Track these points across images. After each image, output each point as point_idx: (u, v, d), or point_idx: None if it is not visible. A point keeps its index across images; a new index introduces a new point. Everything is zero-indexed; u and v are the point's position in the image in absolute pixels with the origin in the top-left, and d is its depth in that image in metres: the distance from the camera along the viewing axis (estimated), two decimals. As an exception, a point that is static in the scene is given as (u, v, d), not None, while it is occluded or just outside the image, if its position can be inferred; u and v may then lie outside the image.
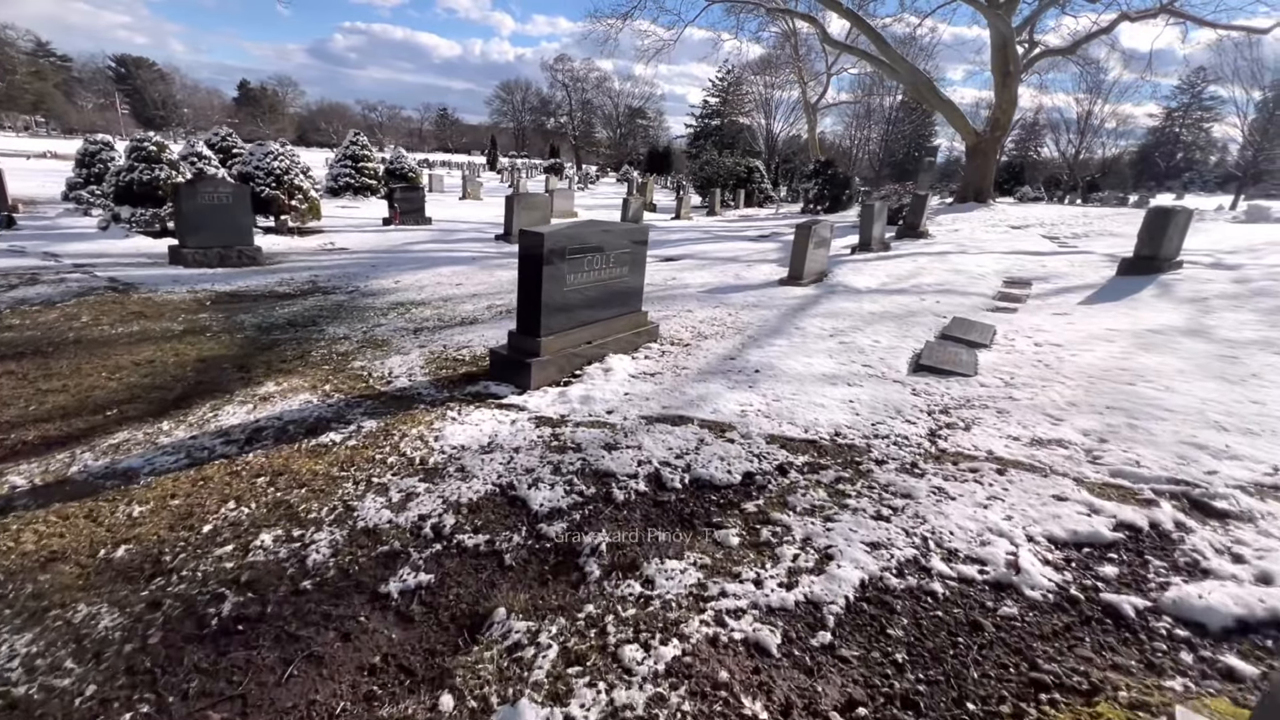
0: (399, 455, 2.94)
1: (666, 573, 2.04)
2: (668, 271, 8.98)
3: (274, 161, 12.14)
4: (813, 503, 2.47)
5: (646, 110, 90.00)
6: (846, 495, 2.54)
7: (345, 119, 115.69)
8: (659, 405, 3.57)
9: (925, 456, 2.91)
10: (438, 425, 3.29)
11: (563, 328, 4.18)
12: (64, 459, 2.89)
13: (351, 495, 2.57)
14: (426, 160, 64.97)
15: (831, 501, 2.49)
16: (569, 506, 2.47)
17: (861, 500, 2.47)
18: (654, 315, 5.97)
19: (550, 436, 3.13)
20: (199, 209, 8.57)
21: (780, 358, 4.53)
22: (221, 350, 4.82)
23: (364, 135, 21.49)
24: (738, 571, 2.08)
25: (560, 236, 3.95)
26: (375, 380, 4.08)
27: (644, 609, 1.90)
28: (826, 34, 26.41)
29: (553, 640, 1.76)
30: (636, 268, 4.76)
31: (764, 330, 5.46)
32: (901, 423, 3.36)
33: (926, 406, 3.62)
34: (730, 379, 4.07)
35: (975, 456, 2.89)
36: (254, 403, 3.66)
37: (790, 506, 2.45)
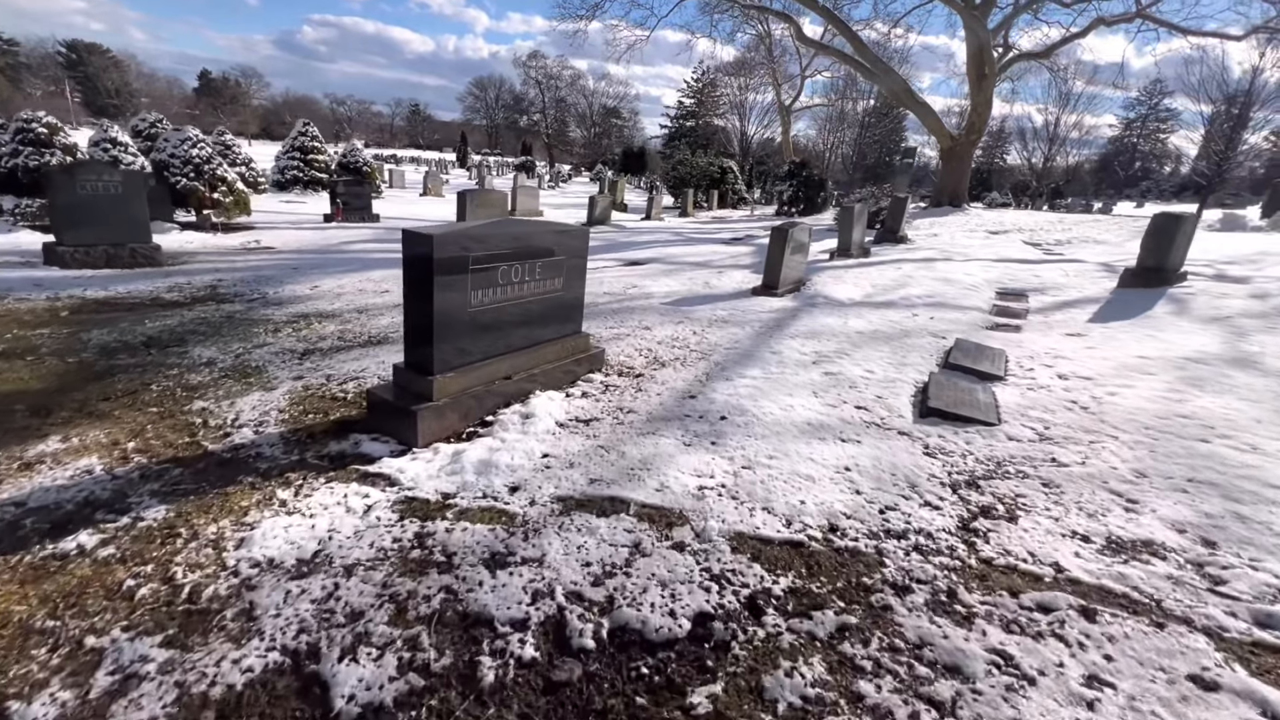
0: (162, 580, 1.88)
1: None
2: (630, 278, 7.99)
3: (193, 149, 10.82)
4: (804, 688, 1.50)
5: (621, 110, 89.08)
6: (858, 670, 1.57)
7: (312, 113, 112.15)
8: (585, 477, 2.57)
9: (965, 576, 1.97)
10: (253, 517, 2.24)
11: (468, 360, 3.16)
12: None
13: (30, 677, 1.52)
14: (394, 156, 63.02)
15: (834, 684, 1.53)
16: (398, 699, 1.46)
17: (883, 684, 1.51)
18: (605, 333, 4.98)
19: (413, 540, 2.10)
20: (81, 200, 7.30)
21: (753, 396, 3.57)
22: (29, 383, 3.68)
23: (314, 126, 20.06)
24: None
25: (458, 239, 2.93)
26: (208, 432, 3.00)
27: None
28: (802, 33, 25.75)
29: None
30: (574, 279, 3.76)
31: (734, 355, 4.50)
32: (920, 506, 2.42)
33: (948, 475, 2.69)
34: (688, 430, 3.09)
35: (1039, 577, 1.96)
36: (9, 472, 2.56)
37: (767, 697, 1.48)
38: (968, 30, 18.70)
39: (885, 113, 46.03)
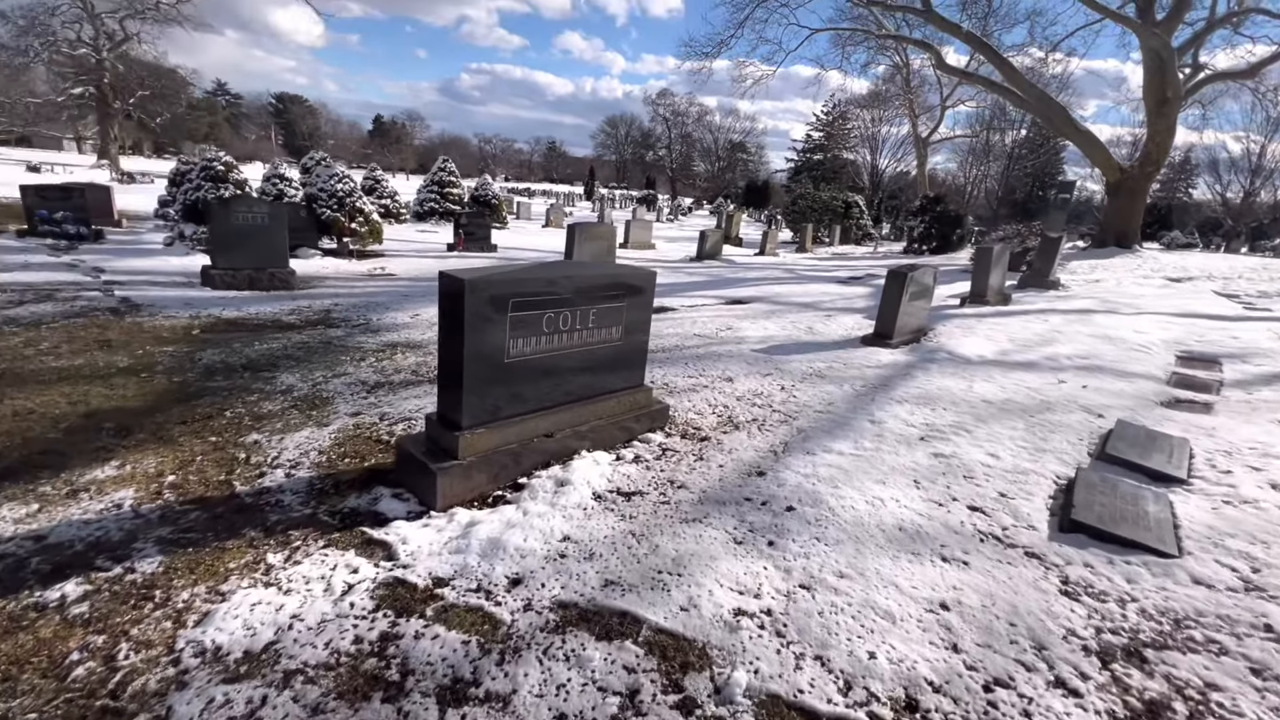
0: (104, 660, 1.70)
1: None
2: (728, 318, 7.49)
3: (338, 184, 11.95)
4: None
5: (747, 144, 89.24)
6: None
7: (463, 151, 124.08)
8: (601, 577, 2.13)
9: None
10: (230, 584, 2.03)
11: (502, 416, 2.86)
12: None
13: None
14: (527, 189, 67.44)
15: None
16: None
17: None
18: (681, 382, 4.53)
19: (375, 644, 1.78)
20: (233, 229, 8.16)
21: (835, 479, 2.94)
22: (129, 400, 3.92)
23: (451, 162, 21.73)
24: None
25: (495, 282, 2.65)
26: (245, 470, 2.94)
27: None
28: (944, 62, 24.15)
29: None
30: (635, 328, 3.38)
31: (824, 421, 3.86)
32: (1047, 685, 1.71)
33: (1095, 635, 1.93)
34: (743, 520, 2.56)
35: None
36: (64, 494, 2.61)
37: None
38: (1146, 51, 16.40)
39: (1040, 143, 41.89)
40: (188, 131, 61.31)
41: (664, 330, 6.58)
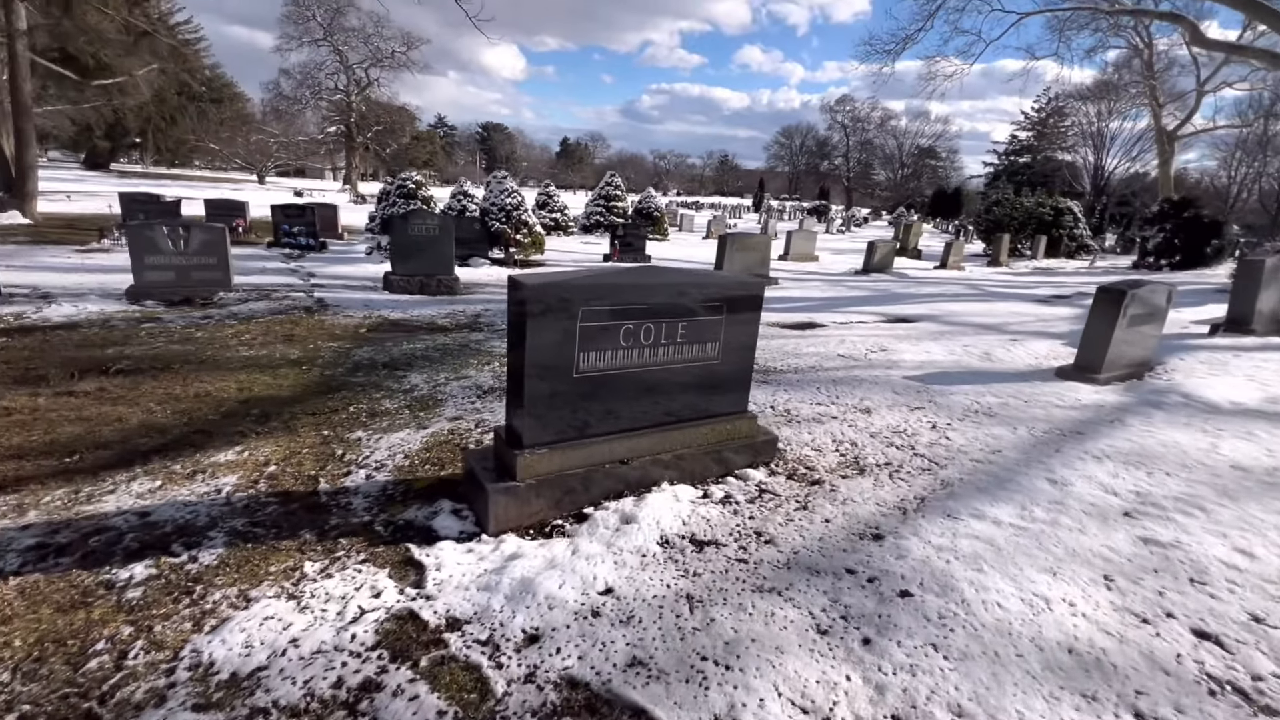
0: (117, 657, 1.69)
1: None
2: (884, 338, 6.58)
3: (508, 198, 12.86)
4: None
5: (937, 149, 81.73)
6: None
7: (639, 167, 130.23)
8: (628, 653, 1.72)
9: None
10: (259, 591, 1.98)
11: (569, 437, 2.57)
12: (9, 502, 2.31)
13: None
14: (696, 202, 68.38)
15: None
16: None
17: None
18: (805, 409, 3.94)
19: (352, 694, 1.56)
20: (409, 239, 9.08)
21: (979, 560, 2.21)
22: (281, 390, 4.34)
23: (618, 177, 22.54)
24: None
25: (563, 288, 2.38)
26: (335, 467, 3.00)
27: None
28: (1202, 35, 19.68)
29: None
30: (736, 346, 2.91)
31: (981, 473, 3.04)
32: None
33: None
34: (835, 601, 1.98)
35: None
36: (186, 474, 2.85)
37: None
38: None
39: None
40: (410, 159, 71.98)
41: (803, 349, 5.92)
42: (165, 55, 18.29)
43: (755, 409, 3.99)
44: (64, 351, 5.08)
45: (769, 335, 6.69)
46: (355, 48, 38.22)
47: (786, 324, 7.64)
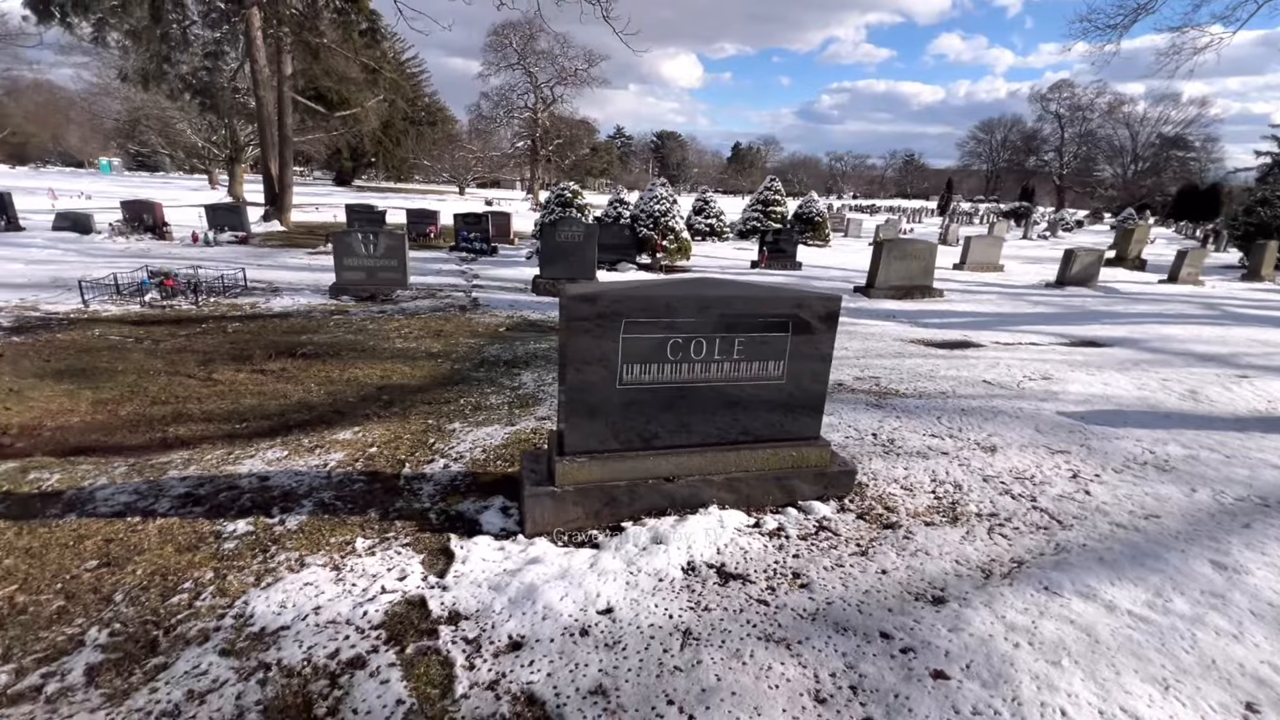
0: (190, 595, 2.02)
1: None
2: (1050, 364, 5.62)
3: (656, 205, 13.15)
4: None
5: (1188, 138, 67.78)
6: None
7: (813, 170, 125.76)
8: (596, 678, 1.65)
9: None
10: (312, 559, 2.24)
11: (612, 448, 2.56)
12: (92, 467, 3.02)
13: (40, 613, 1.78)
14: (871, 206, 64.12)
15: None
16: None
17: None
18: (914, 440, 3.53)
19: (343, 665, 1.70)
20: (556, 245, 9.70)
21: (1060, 652, 1.78)
22: (413, 379, 4.89)
23: (778, 181, 21.94)
24: None
25: (605, 298, 2.38)
26: (423, 454, 3.30)
27: None
28: None
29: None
30: (805, 367, 2.67)
31: (1116, 543, 2.45)
32: None
33: None
34: (851, 668, 1.72)
35: None
36: (309, 447, 3.34)
37: None
38: None
39: None
40: (588, 170, 76.67)
41: (940, 371, 5.26)
42: (389, 89, 21.71)
43: (853, 436, 3.65)
44: (270, 336, 6.22)
45: (906, 353, 6.06)
46: (543, 68, 41.83)
47: (933, 341, 6.85)
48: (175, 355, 5.30)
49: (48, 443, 3.43)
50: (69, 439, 3.50)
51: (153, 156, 49.53)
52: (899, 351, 6.17)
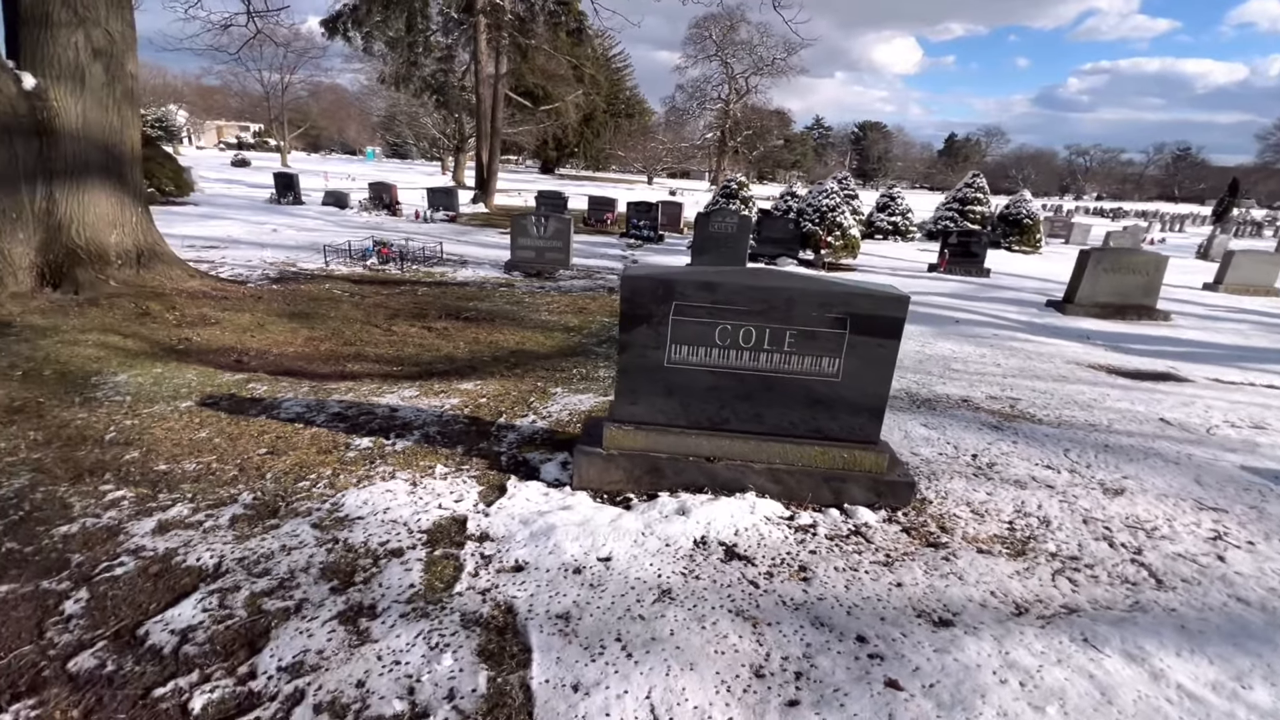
0: (310, 484, 2.64)
1: None
2: (1273, 411, 4.54)
3: (824, 200, 12.64)
4: None
5: None
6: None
7: (1045, 165, 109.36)
8: (566, 606, 1.87)
9: None
10: (399, 475, 2.76)
11: (657, 421, 2.74)
12: (287, 385, 3.94)
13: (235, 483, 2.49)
14: (1116, 209, 53.91)
15: None
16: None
17: None
18: (1016, 466, 3.22)
19: (387, 553, 2.13)
20: (708, 235, 9.89)
21: (1057, 700, 1.61)
22: (543, 347, 5.47)
23: (981, 178, 19.61)
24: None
25: (657, 279, 2.56)
26: (519, 410, 3.76)
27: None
28: None
29: None
30: (865, 366, 2.60)
31: (1213, 610, 2.05)
32: None
33: None
34: (802, 657, 1.73)
35: None
36: (436, 391, 4.00)
37: None
38: None
39: None
40: (777, 162, 74.83)
41: (1108, 401, 4.55)
42: (588, 83, 23.47)
43: (946, 452, 3.39)
44: (446, 300, 7.30)
45: (1071, 378, 5.28)
46: (740, 58, 41.70)
47: (1121, 369, 5.84)
48: (371, 309, 6.51)
49: (268, 364, 4.52)
50: (282, 363, 4.57)
51: (403, 146, 58.94)
52: (1062, 375, 5.38)
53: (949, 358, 5.78)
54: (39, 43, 5.17)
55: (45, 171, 5.27)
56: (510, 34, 17.40)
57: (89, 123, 5.46)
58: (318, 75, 43.31)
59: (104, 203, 5.68)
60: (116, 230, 5.80)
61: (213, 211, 14.67)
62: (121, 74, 5.69)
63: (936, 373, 5.18)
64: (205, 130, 59.38)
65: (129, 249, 5.92)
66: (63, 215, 5.41)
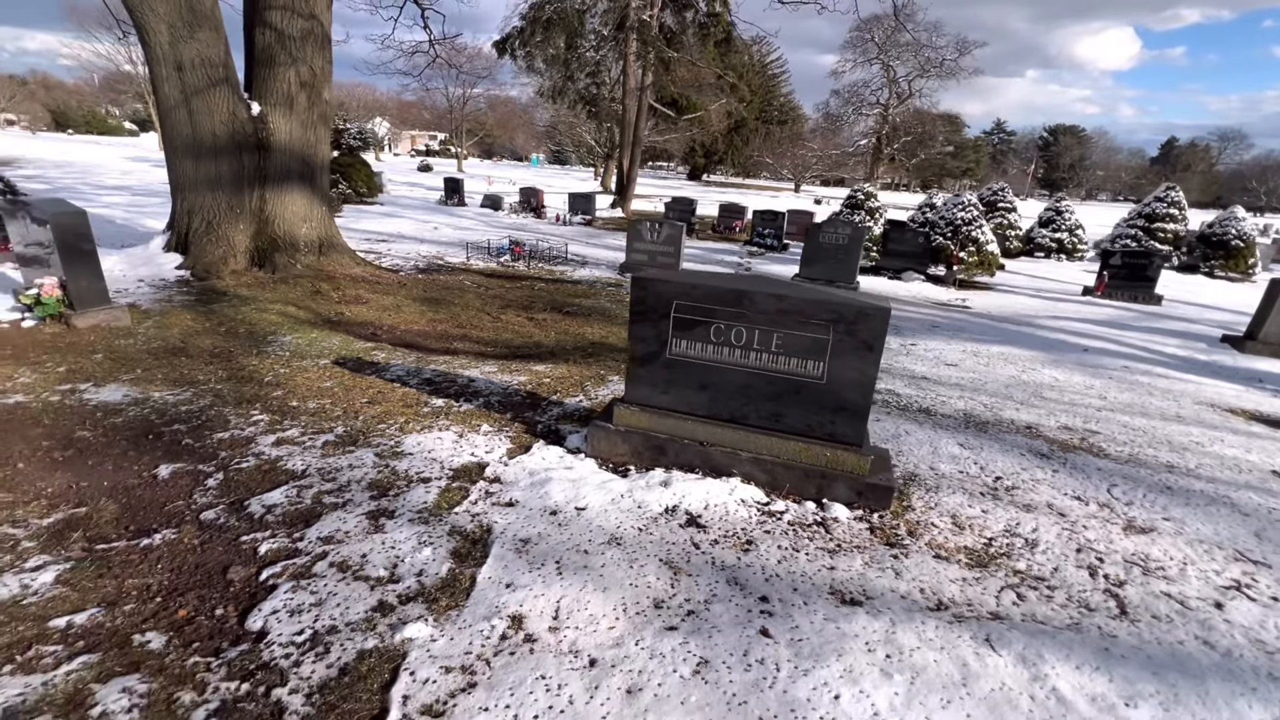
0: (385, 429, 3.38)
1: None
2: None
3: (959, 213, 11.83)
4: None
5: None
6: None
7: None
8: (535, 535, 2.35)
9: None
10: (451, 428, 3.42)
11: (659, 404, 3.12)
12: (400, 354, 4.84)
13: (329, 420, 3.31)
14: (1398, 232, 42.62)
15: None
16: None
17: None
18: (1039, 493, 3.20)
19: (414, 478, 2.76)
20: (819, 246, 9.82)
21: (907, 689, 1.77)
22: (620, 342, 5.99)
23: (1178, 191, 16.92)
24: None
25: (658, 282, 2.94)
26: (571, 390, 4.30)
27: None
28: None
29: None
30: (848, 370, 2.78)
31: (1169, 656, 2.00)
32: None
33: None
34: (702, 603, 2.03)
35: None
36: (511, 370, 4.69)
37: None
38: None
39: None
40: (945, 169, 69.05)
41: (1216, 448, 4.10)
42: (732, 93, 23.82)
43: (956, 469, 3.38)
44: (556, 295, 8.13)
45: (1188, 419, 4.72)
46: (905, 60, 39.39)
47: (1273, 418, 5.06)
48: (489, 299, 7.49)
49: (395, 337, 5.53)
50: (404, 337, 5.56)
51: (563, 152, 63.30)
52: (1178, 415, 4.82)
53: (1045, 385, 5.41)
54: (263, 78, 6.72)
55: (261, 178, 6.82)
56: (656, 48, 18.28)
57: (293, 139, 6.96)
58: (494, 90, 48.22)
59: (299, 202, 7.19)
60: (306, 225, 7.31)
61: (393, 210, 17.18)
62: (319, 100, 7.16)
63: (1019, 398, 4.92)
64: (401, 139, 68.53)
65: (314, 240, 7.41)
66: (269, 212, 6.96)
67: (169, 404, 3.48)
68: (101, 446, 2.92)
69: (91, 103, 62.44)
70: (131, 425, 3.17)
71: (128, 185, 17.37)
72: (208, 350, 4.51)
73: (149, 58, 6.14)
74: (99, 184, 17.17)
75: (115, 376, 3.81)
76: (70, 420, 3.16)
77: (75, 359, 4.03)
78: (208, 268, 6.55)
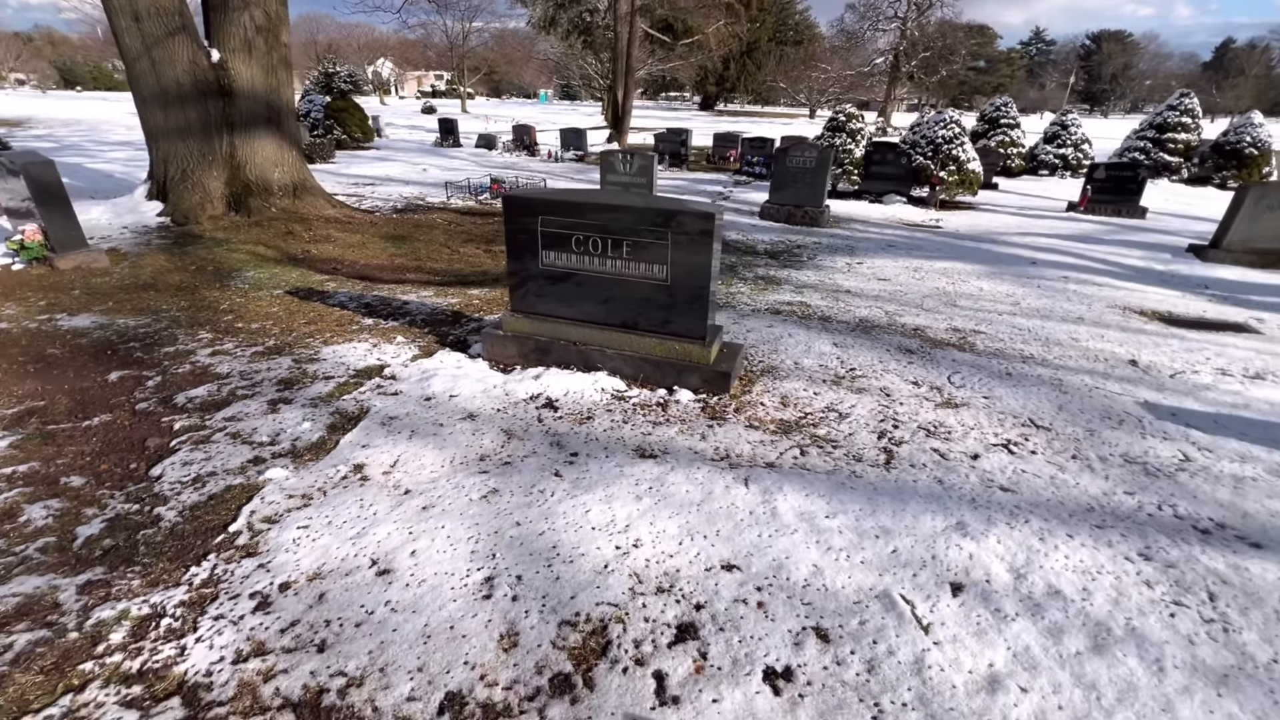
0: (315, 340, 3.87)
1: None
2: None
3: (940, 131, 11.60)
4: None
5: None
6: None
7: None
8: (405, 412, 2.84)
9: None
10: (368, 340, 3.89)
11: (538, 310, 3.53)
12: (350, 285, 5.31)
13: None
14: None
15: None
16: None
17: None
18: (876, 380, 3.58)
19: (326, 382, 3.26)
20: (786, 171, 9.83)
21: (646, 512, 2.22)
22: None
23: (1191, 97, 16.08)
24: None
25: (526, 200, 3.29)
26: (495, 308, 4.73)
27: None
28: None
29: None
30: (687, 270, 3.14)
31: (931, 495, 2.42)
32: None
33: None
34: (517, 454, 2.52)
35: None
36: (447, 294, 5.12)
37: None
38: None
39: None
40: (974, 86, 65.24)
41: (1095, 344, 4.39)
42: (738, 14, 22.82)
43: (829, 365, 3.74)
44: (521, 229, 8.43)
45: (1099, 322, 4.96)
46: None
47: (1181, 318, 5.28)
48: (455, 234, 7.85)
49: (353, 271, 5.98)
50: (362, 271, 6.01)
51: (572, 88, 61.50)
52: (1080, 317, 5.06)
53: (965, 295, 5.65)
54: (220, 24, 6.96)
55: (228, 124, 7.17)
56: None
57: (255, 84, 7.25)
58: (494, 22, 46.67)
59: (268, 147, 7.55)
60: (278, 169, 7.68)
61: (386, 154, 17.36)
62: (277, 44, 7.39)
63: (928, 307, 5.19)
64: (407, 81, 67.22)
65: (287, 184, 7.80)
66: (240, 158, 7.34)
67: (130, 328, 4.01)
68: (66, 360, 3.47)
69: (97, 57, 62.34)
70: (95, 345, 3.71)
71: (131, 140, 17.81)
72: (175, 285, 5.03)
73: (107, 9, 6.43)
74: (103, 140, 17.64)
75: (88, 308, 4.36)
76: (43, 341, 3.72)
77: (55, 295, 4.59)
78: (186, 213, 7.03)
